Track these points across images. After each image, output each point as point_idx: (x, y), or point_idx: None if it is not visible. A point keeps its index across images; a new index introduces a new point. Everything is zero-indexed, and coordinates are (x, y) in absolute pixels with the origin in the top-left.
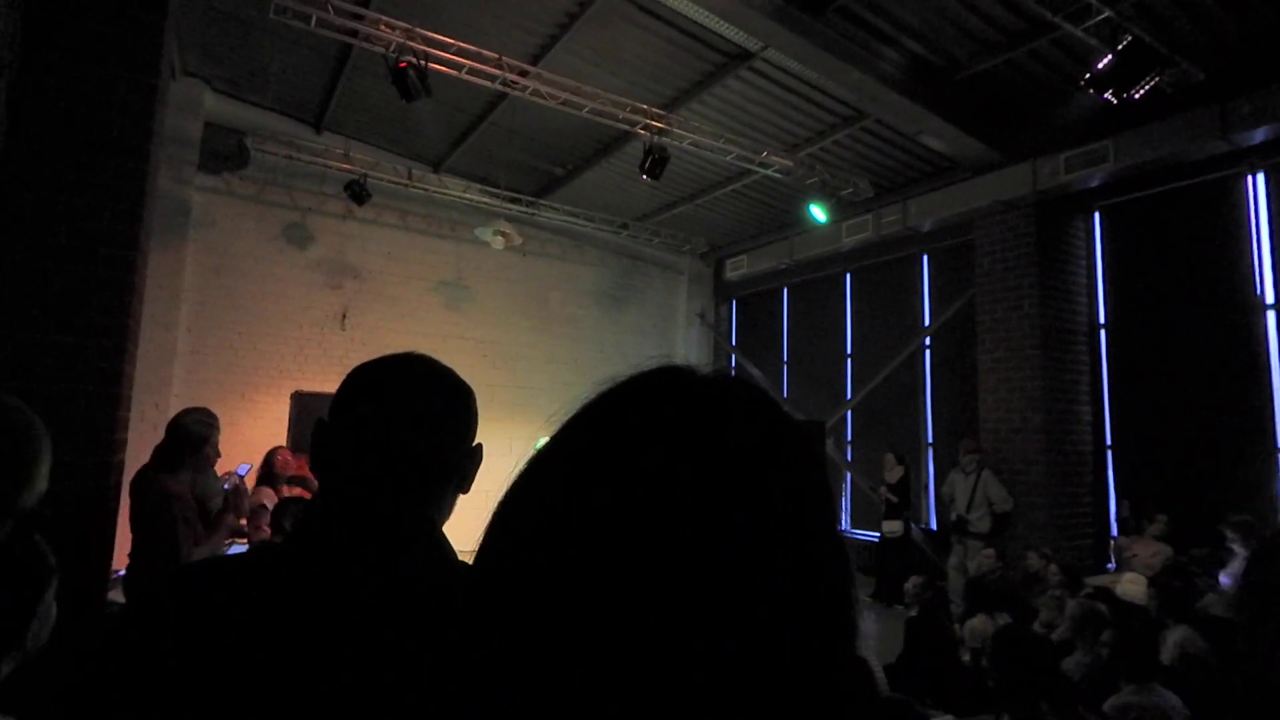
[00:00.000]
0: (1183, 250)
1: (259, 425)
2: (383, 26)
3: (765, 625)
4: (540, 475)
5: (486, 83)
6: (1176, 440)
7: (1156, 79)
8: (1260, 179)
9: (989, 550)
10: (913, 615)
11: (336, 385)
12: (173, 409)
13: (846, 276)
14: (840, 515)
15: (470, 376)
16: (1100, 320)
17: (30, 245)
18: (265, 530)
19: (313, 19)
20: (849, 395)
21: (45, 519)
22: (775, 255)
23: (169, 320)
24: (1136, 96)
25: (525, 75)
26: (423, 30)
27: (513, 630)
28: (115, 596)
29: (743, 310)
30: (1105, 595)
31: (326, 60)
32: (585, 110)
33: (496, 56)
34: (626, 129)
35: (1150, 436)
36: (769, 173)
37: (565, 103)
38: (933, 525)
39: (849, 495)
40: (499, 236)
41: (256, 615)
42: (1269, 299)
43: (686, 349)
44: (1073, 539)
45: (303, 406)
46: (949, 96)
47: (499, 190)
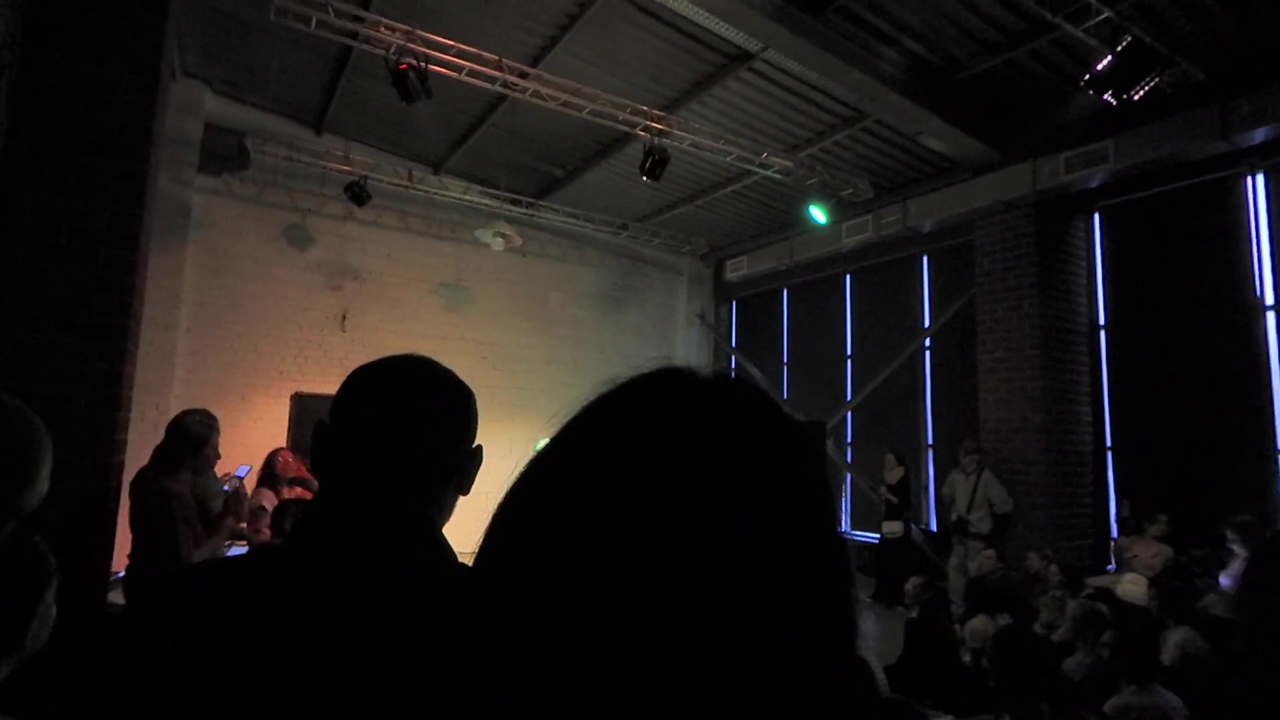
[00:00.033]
0: (1183, 251)
1: (259, 426)
2: (383, 28)
3: (765, 625)
4: (540, 477)
5: (486, 84)
6: (1176, 441)
7: (1156, 79)
8: (1260, 179)
9: (989, 551)
10: (913, 616)
11: (336, 387)
12: (173, 410)
13: (846, 277)
14: (840, 516)
15: (470, 378)
16: (1100, 320)
17: (30, 246)
18: (265, 532)
19: (313, 21)
20: (849, 396)
21: (47, 519)
22: (775, 256)
23: (169, 321)
24: (1136, 98)
25: (525, 77)
26: (423, 32)
27: (513, 631)
28: (115, 598)
29: (743, 311)
30: (1106, 596)
31: (327, 62)
32: (585, 111)
33: (496, 58)
34: (626, 130)
35: (1150, 437)
36: (769, 173)
37: (565, 104)
38: (933, 526)
39: (849, 496)
40: (499, 238)
41: (257, 616)
42: (1269, 299)
43: (686, 350)
44: (1073, 540)
45: (303, 408)
46: (949, 97)
47: (499, 192)
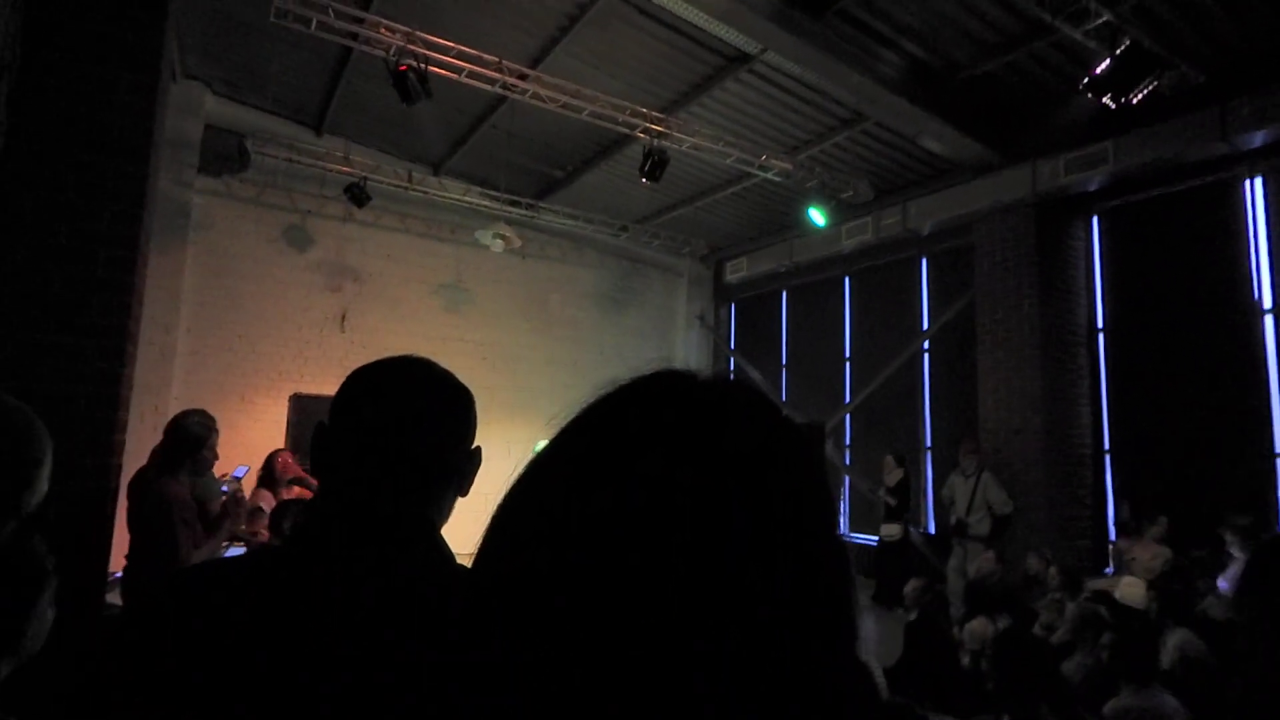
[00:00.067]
0: (1182, 253)
1: (258, 427)
2: (383, 30)
3: (765, 626)
4: (540, 478)
5: (486, 86)
6: (1176, 443)
7: (1156, 82)
8: (1259, 182)
9: (989, 553)
10: (912, 618)
11: (336, 387)
12: (172, 411)
13: (846, 279)
14: (840, 518)
15: (469, 379)
16: (1099, 322)
17: (30, 246)
18: (263, 533)
19: (313, 22)
20: (848, 398)
21: (48, 520)
22: (775, 257)
23: (168, 322)
24: (1135, 100)
25: (525, 78)
26: (423, 33)
27: (513, 631)
28: (112, 598)
29: (742, 313)
30: (1105, 598)
31: (327, 63)
32: (585, 113)
33: (496, 59)
34: (626, 132)
35: (1150, 439)
36: (768, 175)
37: (565, 105)
38: (932, 528)
39: (848, 498)
40: (499, 239)
41: (256, 616)
42: (1267, 303)
43: (686, 351)
44: (1072, 541)
45: (302, 409)
46: (948, 99)
47: (499, 193)
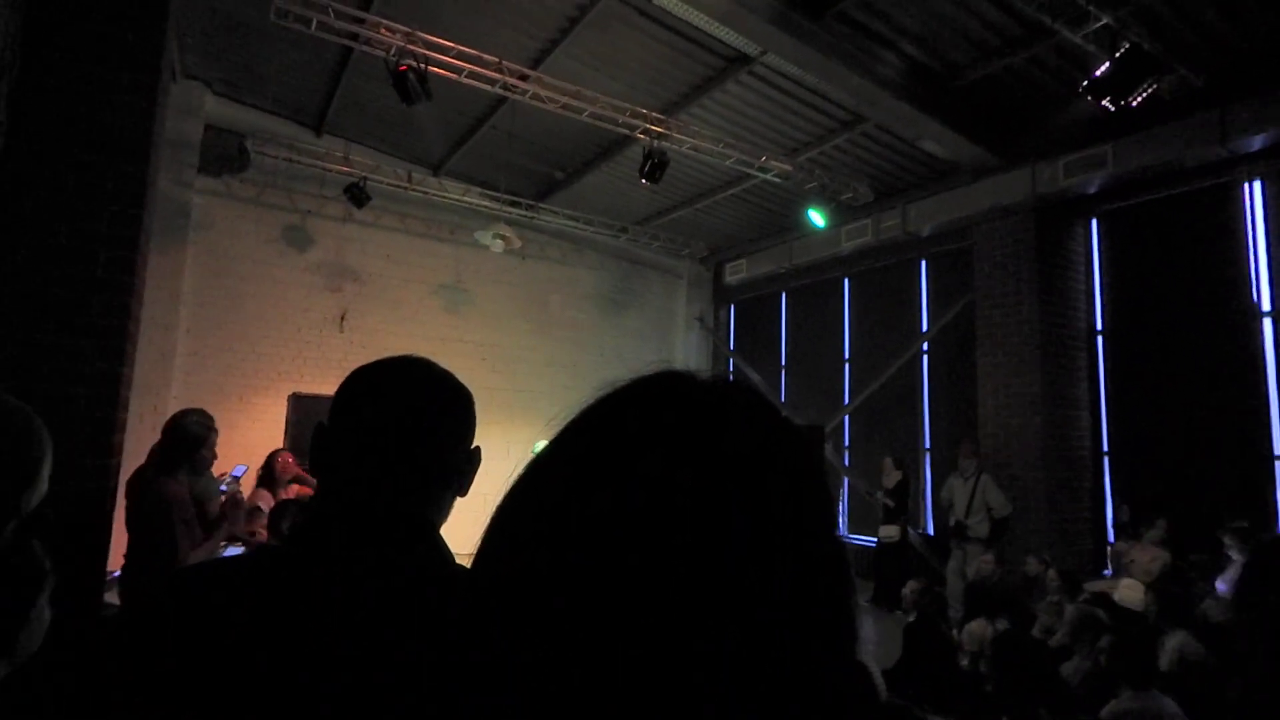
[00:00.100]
0: (1181, 256)
1: (257, 427)
2: (383, 30)
3: (765, 627)
4: (540, 479)
5: (487, 86)
6: (1175, 445)
7: (1155, 85)
8: (1258, 185)
9: (988, 555)
10: (911, 620)
11: (335, 388)
12: (171, 411)
13: (845, 281)
14: (839, 519)
15: (469, 379)
16: (1099, 325)
17: (30, 246)
18: (262, 533)
19: (313, 22)
20: (848, 399)
21: (50, 521)
22: (774, 259)
23: (168, 322)
24: (1135, 103)
25: (525, 79)
26: (423, 34)
27: (512, 632)
28: (110, 598)
29: (742, 314)
30: (1104, 601)
31: (327, 63)
32: (585, 114)
33: (497, 60)
34: (626, 133)
35: (1149, 441)
36: (768, 177)
37: (565, 107)
38: (930, 530)
39: (847, 499)
40: (498, 240)
41: (256, 616)
42: (1266, 305)
43: (686, 353)
44: (1071, 544)
45: (301, 409)
46: (948, 101)
47: (499, 193)
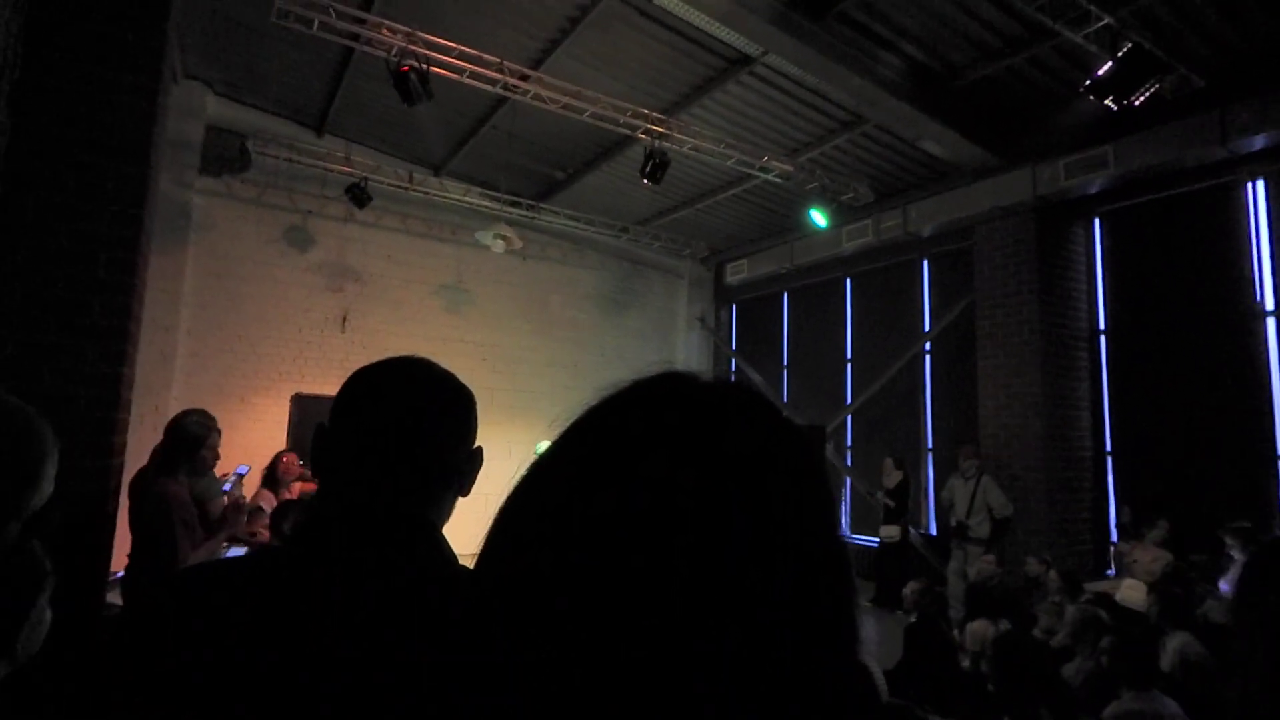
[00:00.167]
0: (1182, 256)
1: (258, 428)
2: (384, 30)
3: (766, 628)
4: (542, 480)
5: (488, 87)
6: (1177, 446)
7: (1156, 85)
8: (1260, 185)
9: (989, 556)
10: (912, 621)
11: (336, 388)
12: (172, 411)
13: (847, 281)
14: (841, 519)
15: (470, 380)
16: (1100, 325)
17: (31, 247)
18: (263, 534)
19: (315, 23)
20: (849, 400)
21: (53, 521)
22: (775, 259)
23: (169, 323)
24: (1136, 103)
25: (526, 79)
26: (424, 34)
27: (514, 632)
28: (112, 598)
29: (743, 314)
30: (1105, 601)
31: (328, 64)
32: (586, 114)
33: (498, 61)
34: (627, 133)
35: (1150, 442)
36: (769, 177)
37: (566, 107)
38: (932, 530)
39: (849, 500)
40: (499, 240)
41: (257, 616)
42: (1268, 305)
43: (687, 353)
44: (1073, 544)
45: (302, 409)
46: (949, 102)
47: (500, 194)
